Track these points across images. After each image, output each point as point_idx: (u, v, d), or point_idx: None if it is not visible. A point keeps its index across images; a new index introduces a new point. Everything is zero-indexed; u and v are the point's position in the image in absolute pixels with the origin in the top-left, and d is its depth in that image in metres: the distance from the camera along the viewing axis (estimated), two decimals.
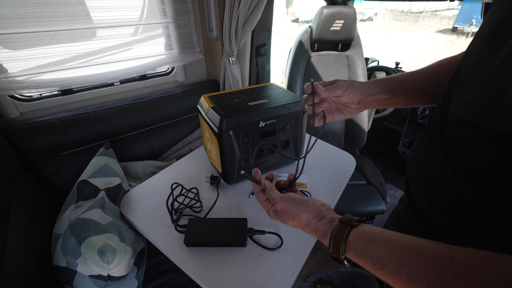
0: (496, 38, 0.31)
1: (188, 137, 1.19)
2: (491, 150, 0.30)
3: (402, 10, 12.18)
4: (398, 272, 0.28)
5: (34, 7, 0.79)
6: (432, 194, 0.40)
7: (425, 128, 0.46)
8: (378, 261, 0.31)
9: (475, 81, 0.32)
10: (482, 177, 0.31)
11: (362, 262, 0.33)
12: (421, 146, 0.44)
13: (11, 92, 0.81)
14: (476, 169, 0.31)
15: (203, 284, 0.54)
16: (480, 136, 0.31)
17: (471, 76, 0.33)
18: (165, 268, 0.78)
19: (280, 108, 0.70)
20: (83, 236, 0.57)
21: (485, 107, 0.30)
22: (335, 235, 0.37)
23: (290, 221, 0.43)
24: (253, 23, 1.02)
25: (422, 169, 0.42)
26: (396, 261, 0.29)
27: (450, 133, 0.35)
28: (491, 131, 0.29)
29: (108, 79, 1.00)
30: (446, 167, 0.36)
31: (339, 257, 0.36)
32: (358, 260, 0.34)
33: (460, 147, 0.33)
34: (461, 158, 0.33)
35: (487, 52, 0.32)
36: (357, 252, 0.34)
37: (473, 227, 0.34)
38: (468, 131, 0.32)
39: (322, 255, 1.40)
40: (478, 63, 0.33)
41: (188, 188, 0.73)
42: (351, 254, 0.35)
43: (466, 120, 0.32)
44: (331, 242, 0.37)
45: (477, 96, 0.31)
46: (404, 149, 1.75)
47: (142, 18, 1.02)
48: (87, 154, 0.88)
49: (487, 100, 0.30)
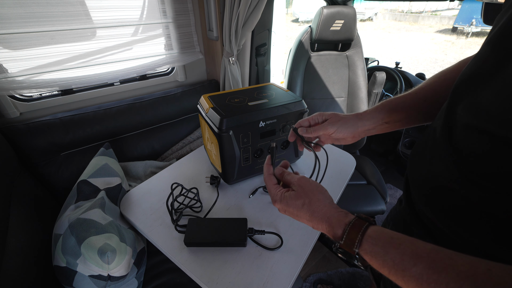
0: (508, 43, 0.30)
1: (188, 137, 1.19)
2: (502, 156, 0.29)
3: (402, 10, 12.18)
4: (425, 277, 0.25)
5: (34, 7, 0.79)
6: (432, 195, 0.39)
7: (429, 128, 0.45)
8: (401, 263, 0.28)
9: (488, 88, 0.31)
10: (490, 182, 0.30)
11: (378, 261, 0.30)
12: (425, 145, 0.43)
13: (11, 92, 0.81)
14: (484, 173, 0.31)
15: (203, 284, 0.54)
16: (491, 142, 0.30)
17: (482, 82, 0.32)
18: (165, 268, 0.78)
19: (280, 108, 0.70)
20: (83, 236, 0.57)
21: (501, 115, 0.28)
22: (352, 226, 0.34)
23: (301, 200, 0.40)
24: (253, 23, 1.02)
25: (424, 169, 0.42)
26: (423, 265, 0.26)
27: (458, 137, 0.34)
28: (504, 138, 0.28)
29: (108, 79, 1.00)
30: (451, 169, 0.35)
31: (351, 250, 0.32)
32: (374, 258, 0.31)
33: (468, 151, 0.32)
34: (468, 161, 0.32)
35: (499, 57, 0.30)
36: (375, 248, 0.31)
37: (472, 231, 0.34)
38: (478, 136, 0.31)
39: (322, 255, 1.40)
40: (490, 69, 0.32)
41: (188, 188, 0.73)
42: (367, 250, 0.31)
43: (477, 126, 0.31)
44: (345, 233, 0.34)
45: (491, 103, 0.30)
46: (404, 149, 1.75)
47: (142, 18, 1.02)
48: (87, 154, 0.88)
49: (501, 107, 0.29)
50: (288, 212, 0.42)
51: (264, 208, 0.71)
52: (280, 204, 0.43)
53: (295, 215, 0.41)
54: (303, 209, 0.39)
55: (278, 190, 0.44)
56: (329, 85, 1.50)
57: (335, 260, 1.38)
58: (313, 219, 0.38)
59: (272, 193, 0.45)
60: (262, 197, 0.75)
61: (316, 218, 0.38)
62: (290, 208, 0.41)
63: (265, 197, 0.75)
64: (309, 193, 0.40)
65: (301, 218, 0.41)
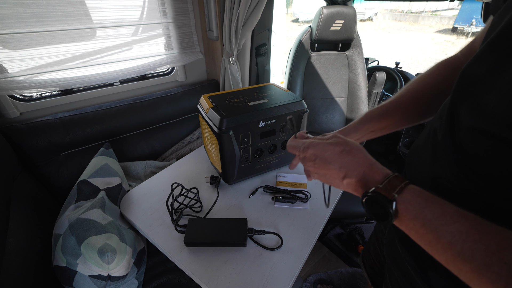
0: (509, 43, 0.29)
1: (188, 137, 1.19)
2: (507, 158, 0.29)
3: (402, 10, 12.18)
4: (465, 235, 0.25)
5: (34, 7, 0.79)
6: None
7: (427, 128, 0.45)
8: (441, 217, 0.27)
9: (492, 90, 0.30)
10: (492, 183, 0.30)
11: (415, 211, 0.30)
12: (425, 146, 0.43)
13: (11, 92, 0.81)
14: (487, 175, 0.31)
15: (203, 284, 0.54)
16: (496, 144, 0.29)
17: (485, 83, 0.32)
18: (165, 268, 0.78)
19: (280, 108, 0.70)
20: (83, 236, 0.57)
21: (507, 117, 0.28)
22: (395, 176, 0.33)
23: (341, 147, 0.39)
24: (253, 23, 1.02)
25: (425, 169, 0.41)
26: (467, 223, 0.26)
27: (462, 138, 0.34)
28: (510, 140, 0.28)
29: (108, 79, 1.00)
30: (453, 170, 0.35)
31: (389, 195, 0.32)
32: (411, 207, 0.30)
33: (472, 152, 0.32)
34: (472, 162, 0.32)
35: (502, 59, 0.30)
36: (416, 198, 0.30)
37: None
38: (483, 138, 0.31)
39: (322, 255, 1.40)
40: (491, 70, 0.31)
41: (188, 188, 0.73)
42: (405, 199, 0.31)
43: (482, 128, 0.31)
44: (387, 178, 0.33)
45: (496, 105, 0.29)
46: (404, 149, 1.75)
47: (142, 18, 1.02)
48: (87, 154, 0.88)
49: (508, 110, 0.28)
50: (319, 159, 0.40)
51: (264, 208, 0.71)
52: (314, 149, 0.41)
53: (327, 162, 0.39)
54: (341, 155, 0.38)
55: (310, 140, 0.42)
56: (329, 85, 1.50)
57: (335, 260, 1.38)
58: (350, 165, 0.37)
59: (301, 142, 0.43)
60: (262, 197, 0.75)
61: (355, 163, 0.37)
62: (327, 152, 0.39)
63: (265, 197, 0.75)
64: (350, 143, 0.39)
65: (332, 165, 0.39)
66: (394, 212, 0.32)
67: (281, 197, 0.72)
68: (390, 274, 0.51)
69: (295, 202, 0.72)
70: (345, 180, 0.38)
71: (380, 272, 0.70)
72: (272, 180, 0.81)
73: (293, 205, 0.72)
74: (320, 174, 0.42)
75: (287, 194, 0.73)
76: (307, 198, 0.73)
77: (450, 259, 0.27)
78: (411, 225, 0.30)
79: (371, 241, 0.74)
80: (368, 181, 0.35)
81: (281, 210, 0.71)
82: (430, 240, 0.28)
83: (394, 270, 0.49)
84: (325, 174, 0.41)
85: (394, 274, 0.49)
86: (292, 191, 0.74)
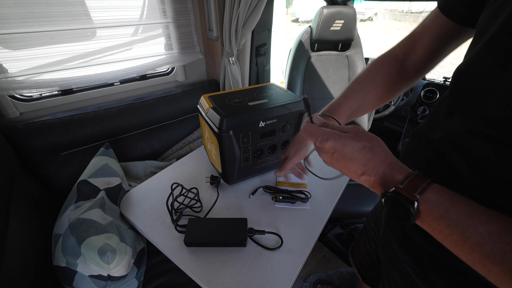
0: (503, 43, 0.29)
1: (188, 137, 1.19)
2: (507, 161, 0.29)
3: (402, 10, 12.17)
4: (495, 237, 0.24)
5: (34, 7, 0.79)
6: None
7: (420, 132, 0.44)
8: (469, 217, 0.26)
9: (492, 94, 0.30)
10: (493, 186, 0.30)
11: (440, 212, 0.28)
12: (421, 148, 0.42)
13: (11, 92, 0.81)
14: (489, 177, 0.30)
15: (203, 284, 0.54)
16: (496, 148, 0.29)
17: (484, 85, 0.31)
18: (165, 268, 0.78)
19: (280, 108, 0.70)
20: (83, 236, 0.57)
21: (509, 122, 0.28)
22: (417, 175, 0.32)
23: (362, 143, 0.36)
24: (253, 23, 1.02)
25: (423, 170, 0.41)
26: (497, 224, 0.25)
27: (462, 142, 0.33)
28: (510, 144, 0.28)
29: (108, 79, 1.00)
30: (454, 173, 0.34)
31: (411, 195, 0.30)
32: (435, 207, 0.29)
33: (472, 156, 0.32)
34: (472, 166, 0.32)
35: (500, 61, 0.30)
36: (440, 198, 0.29)
37: None
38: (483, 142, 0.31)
39: (322, 255, 1.40)
40: (487, 74, 0.31)
41: (188, 188, 0.73)
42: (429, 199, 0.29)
43: (486, 133, 0.31)
44: (408, 178, 0.32)
45: (497, 109, 0.29)
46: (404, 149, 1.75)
47: (142, 18, 1.02)
48: (87, 154, 0.88)
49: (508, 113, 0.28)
50: (338, 153, 0.38)
51: (264, 208, 0.71)
52: (334, 142, 0.38)
53: (346, 158, 0.37)
54: (363, 152, 0.36)
55: (330, 130, 0.39)
56: (329, 85, 1.50)
57: (335, 260, 1.38)
58: (370, 163, 0.35)
59: (320, 131, 0.40)
60: (262, 197, 0.75)
61: (375, 161, 0.35)
62: (347, 148, 0.37)
63: (265, 197, 0.75)
64: (372, 139, 0.37)
65: (351, 161, 0.37)
66: (416, 212, 0.30)
67: (281, 197, 0.72)
68: (387, 274, 0.51)
69: (295, 202, 0.72)
70: (363, 177, 0.37)
71: (371, 268, 0.70)
72: (272, 180, 0.82)
73: (293, 205, 0.72)
74: (336, 166, 0.40)
75: (287, 194, 0.73)
76: (307, 198, 0.73)
77: (478, 260, 0.26)
78: (435, 225, 0.29)
79: (360, 238, 0.74)
80: (387, 180, 0.34)
81: (281, 210, 0.71)
82: (455, 240, 0.27)
83: (392, 271, 0.48)
84: (341, 168, 0.40)
85: (392, 275, 0.48)
86: (292, 191, 0.74)
